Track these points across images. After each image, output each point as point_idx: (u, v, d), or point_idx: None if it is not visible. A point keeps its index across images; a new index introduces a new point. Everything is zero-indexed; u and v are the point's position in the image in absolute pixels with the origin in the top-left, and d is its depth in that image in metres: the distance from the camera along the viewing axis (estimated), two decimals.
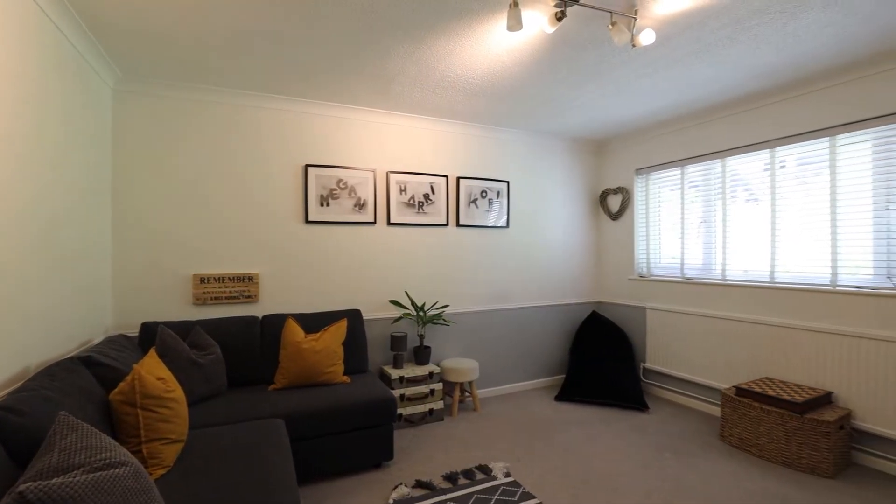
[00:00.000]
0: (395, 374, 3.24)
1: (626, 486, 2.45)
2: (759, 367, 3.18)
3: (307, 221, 3.27)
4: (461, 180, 3.83)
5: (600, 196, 4.58)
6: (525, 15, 2.07)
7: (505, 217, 4.06)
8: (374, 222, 3.49)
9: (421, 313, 3.47)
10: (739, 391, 2.93)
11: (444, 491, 2.38)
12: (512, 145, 4.11)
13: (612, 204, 4.49)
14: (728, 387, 3.25)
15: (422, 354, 3.44)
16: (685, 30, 2.22)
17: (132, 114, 2.80)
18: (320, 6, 2.00)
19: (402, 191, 3.60)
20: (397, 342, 3.34)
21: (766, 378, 3.09)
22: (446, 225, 3.79)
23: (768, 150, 3.20)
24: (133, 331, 2.81)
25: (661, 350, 3.90)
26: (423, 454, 2.83)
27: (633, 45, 2.15)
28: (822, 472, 2.53)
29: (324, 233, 3.34)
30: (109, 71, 2.60)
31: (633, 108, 3.43)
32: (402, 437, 3.08)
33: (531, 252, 4.22)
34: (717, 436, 3.11)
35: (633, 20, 2.10)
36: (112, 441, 1.25)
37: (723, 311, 3.44)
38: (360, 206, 3.44)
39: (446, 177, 3.77)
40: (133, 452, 1.67)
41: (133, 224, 2.81)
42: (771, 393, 2.77)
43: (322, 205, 3.31)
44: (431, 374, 3.33)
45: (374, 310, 3.52)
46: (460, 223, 3.84)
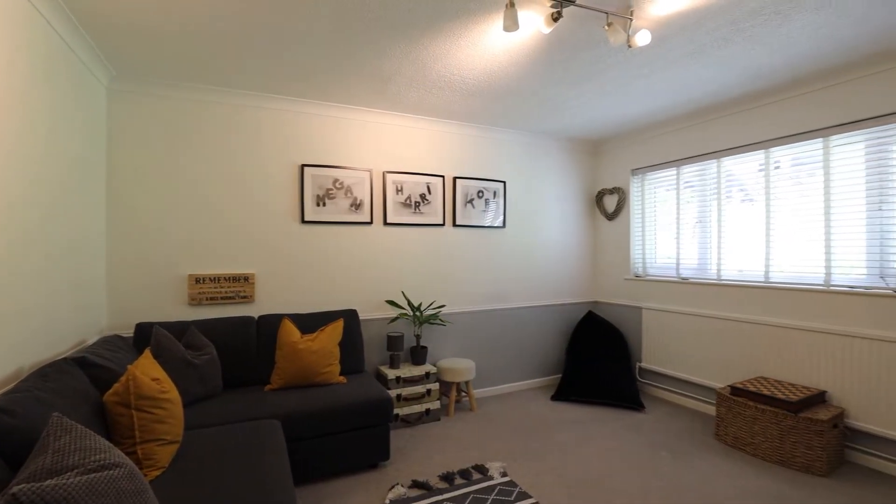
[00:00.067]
0: (391, 374, 3.24)
1: (621, 485, 2.46)
2: (754, 366, 3.20)
3: (303, 221, 3.26)
4: (457, 180, 3.83)
5: (596, 196, 4.59)
6: (521, 15, 2.07)
7: (501, 217, 4.06)
8: (371, 222, 3.49)
9: (417, 313, 3.47)
10: (734, 390, 2.95)
11: (441, 491, 2.38)
12: (508, 145, 4.11)
13: (608, 204, 4.50)
14: (723, 386, 3.28)
15: (418, 354, 3.44)
16: (680, 31, 2.24)
17: (128, 113, 2.78)
18: (320, 6, 1.99)
19: (399, 191, 3.59)
20: (394, 342, 3.33)
21: (761, 377, 3.11)
22: (443, 225, 3.79)
23: (763, 151, 3.22)
24: (128, 331, 2.79)
25: (657, 350, 3.92)
26: (420, 454, 2.83)
27: (629, 46, 2.16)
28: (816, 470, 2.55)
29: (320, 233, 3.33)
30: (103, 69, 2.58)
31: (629, 108, 3.45)
32: (398, 438, 3.07)
33: (527, 252, 4.22)
34: (712, 435, 3.12)
35: (629, 21, 2.10)
36: (106, 442, 1.24)
37: (718, 311, 3.46)
38: (357, 206, 3.43)
39: (443, 177, 3.76)
40: (128, 454, 1.66)
41: (128, 224, 2.80)
42: (765, 392, 2.79)
43: (318, 205, 3.30)
44: (428, 374, 3.33)
45: (371, 310, 3.52)
46: (457, 223, 3.84)
